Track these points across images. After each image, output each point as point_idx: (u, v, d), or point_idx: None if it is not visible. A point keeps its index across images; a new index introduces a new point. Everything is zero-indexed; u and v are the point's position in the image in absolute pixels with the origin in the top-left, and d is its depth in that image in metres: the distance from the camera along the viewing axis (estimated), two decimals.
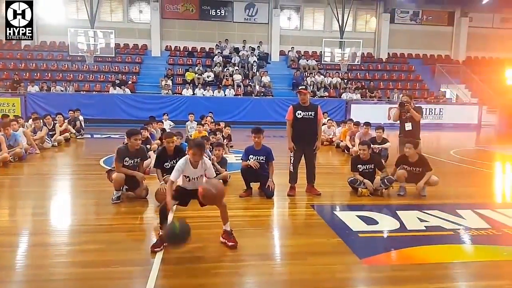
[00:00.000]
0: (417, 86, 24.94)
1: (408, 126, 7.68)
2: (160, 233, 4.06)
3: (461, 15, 27.99)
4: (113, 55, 21.63)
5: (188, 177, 4.27)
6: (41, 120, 11.33)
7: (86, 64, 21.52)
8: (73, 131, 13.24)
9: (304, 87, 6.62)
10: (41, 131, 10.91)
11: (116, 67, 22.98)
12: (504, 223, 5.16)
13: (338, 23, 23.59)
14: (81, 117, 14.45)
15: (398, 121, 8.03)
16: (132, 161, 5.92)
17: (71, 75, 21.96)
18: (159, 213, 4.15)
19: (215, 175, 4.44)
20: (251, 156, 6.45)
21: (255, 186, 6.50)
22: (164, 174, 6.04)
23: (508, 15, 28.47)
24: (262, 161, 6.37)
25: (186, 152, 6.87)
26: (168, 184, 4.24)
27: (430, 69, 27.02)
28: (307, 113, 6.31)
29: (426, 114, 20.56)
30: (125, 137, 6.15)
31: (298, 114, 6.33)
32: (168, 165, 6.08)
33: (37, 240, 4.37)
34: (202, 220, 4.46)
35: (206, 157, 4.46)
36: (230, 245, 4.10)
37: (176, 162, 6.02)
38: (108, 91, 20.12)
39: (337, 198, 6.59)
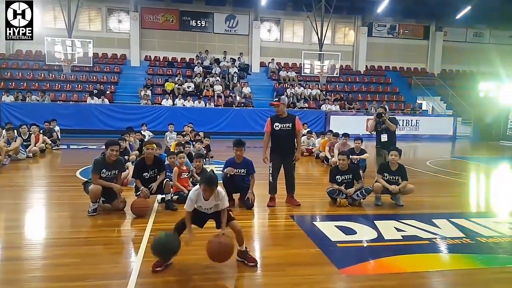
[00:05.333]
0: (394, 98, 25.48)
1: (384, 138, 7.84)
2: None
3: (436, 29, 28.90)
4: (91, 65, 21.31)
5: (200, 206, 4.04)
6: (15, 130, 11.04)
7: (63, 74, 21.11)
8: (49, 142, 12.99)
9: (277, 99, 6.64)
10: (15, 141, 10.62)
11: (94, 77, 22.66)
12: (477, 231, 5.29)
13: (317, 36, 23.92)
14: (57, 128, 14.19)
15: (375, 132, 8.18)
16: (110, 173, 5.83)
17: (48, 84, 21.56)
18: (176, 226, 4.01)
19: (228, 205, 4.10)
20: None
21: (235, 197, 6.50)
22: (139, 189, 5.96)
23: (480, 30, 29.53)
24: (243, 173, 6.36)
25: (165, 161, 6.91)
26: (185, 215, 4.01)
27: (406, 81, 27.68)
28: (284, 125, 6.33)
29: (403, 125, 21.07)
30: (103, 147, 6.06)
31: (276, 126, 6.35)
32: (147, 175, 6.04)
33: (11, 254, 4.23)
34: None
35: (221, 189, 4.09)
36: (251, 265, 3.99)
37: (155, 172, 6.06)
38: (86, 101, 19.82)
39: (316, 209, 6.63)
